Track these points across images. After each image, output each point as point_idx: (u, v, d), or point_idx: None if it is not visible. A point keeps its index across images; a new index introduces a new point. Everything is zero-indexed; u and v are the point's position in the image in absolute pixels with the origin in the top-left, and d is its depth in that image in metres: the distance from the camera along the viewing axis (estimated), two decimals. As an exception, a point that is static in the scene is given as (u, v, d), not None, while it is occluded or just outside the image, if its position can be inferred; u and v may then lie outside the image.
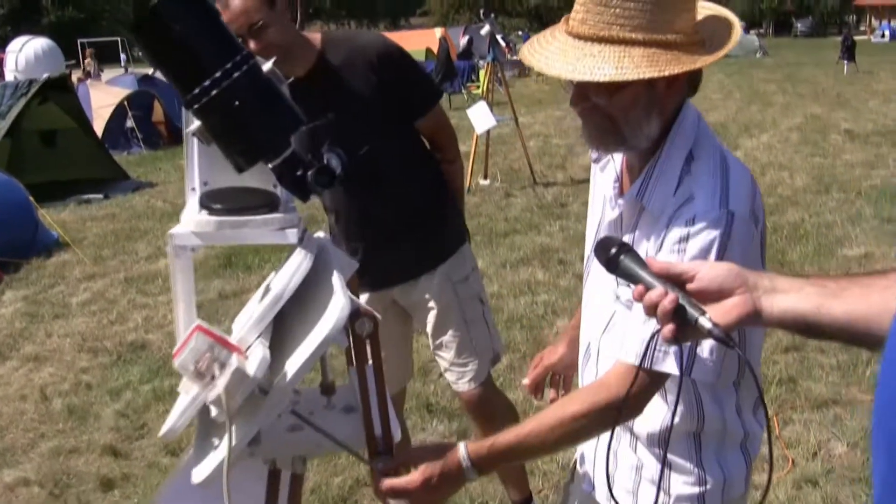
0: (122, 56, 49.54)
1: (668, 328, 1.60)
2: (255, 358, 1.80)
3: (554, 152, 14.98)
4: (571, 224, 9.82)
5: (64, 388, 6.40)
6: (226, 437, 1.79)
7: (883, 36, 48.92)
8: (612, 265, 1.72)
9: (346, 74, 3.51)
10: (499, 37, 13.83)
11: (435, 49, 28.62)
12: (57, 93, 14.80)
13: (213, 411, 1.81)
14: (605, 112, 2.04)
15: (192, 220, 1.97)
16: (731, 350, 1.57)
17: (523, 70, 30.73)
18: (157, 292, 8.47)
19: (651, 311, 1.61)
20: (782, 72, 30.17)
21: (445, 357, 3.95)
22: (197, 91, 1.80)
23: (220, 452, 1.83)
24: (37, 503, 4.88)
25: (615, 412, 2.01)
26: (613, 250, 1.71)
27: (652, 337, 1.73)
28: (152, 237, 10.85)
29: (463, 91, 25.83)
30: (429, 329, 3.95)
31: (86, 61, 32.01)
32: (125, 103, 18.57)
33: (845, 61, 30.25)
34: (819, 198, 10.81)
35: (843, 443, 4.92)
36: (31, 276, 9.32)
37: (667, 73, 1.94)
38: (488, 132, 12.37)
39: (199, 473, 1.87)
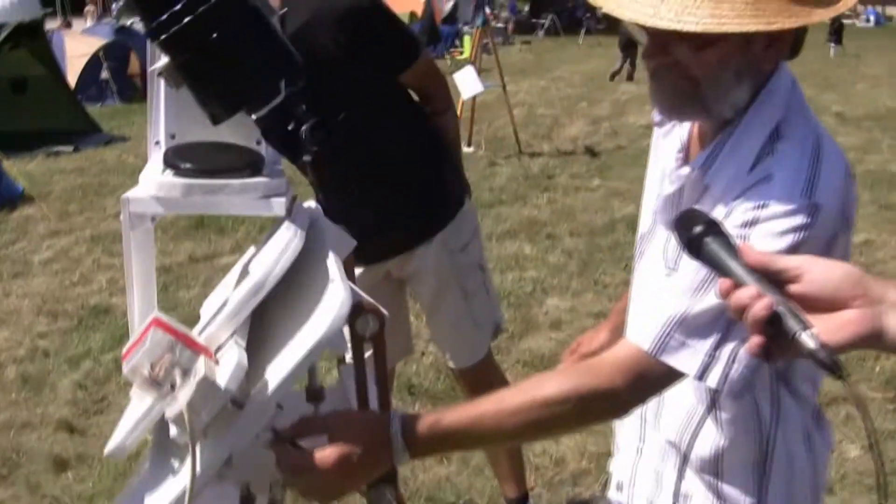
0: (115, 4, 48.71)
1: (757, 339, 1.21)
2: (229, 364, 1.40)
3: (539, 122, 14.59)
4: (559, 197, 9.45)
5: (19, 355, 5.97)
6: (188, 463, 1.39)
7: (868, 21, 48.76)
8: (694, 247, 1.31)
9: (309, 37, 3.09)
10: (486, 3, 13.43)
11: (420, 12, 28.11)
12: (29, 39, 14.28)
13: (173, 430, 1.42)
14: (687, 72, 1.63)
15: (154, 181, 1.57)
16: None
17: (507, 39, 30.31)
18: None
19: (738, 313, 1.22)
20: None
21: (442, 331, 3.65)
22: (164, 18, 1.40)
23: (179, 481, 1.44)
24: (-19, 481, 4.48)
25: (602, 406, 1.65)
26: (698, 228, 1.30)
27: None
28: (122, 194, 10.36)
29: (447, 56, 25.37)
30: (424, 301, 3.64)
31: (86, 8, 31.04)
32: (100, 54, 18.06)
33: (832, 44, 29.93)
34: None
35: (856, 445, 4.58)
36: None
37: (775, 28, 1.53)
38: (474, 98, 11.97)
39: (154, 505, 1.47)
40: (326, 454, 1.54)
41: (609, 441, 4.63)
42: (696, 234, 1.30)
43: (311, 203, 1.87)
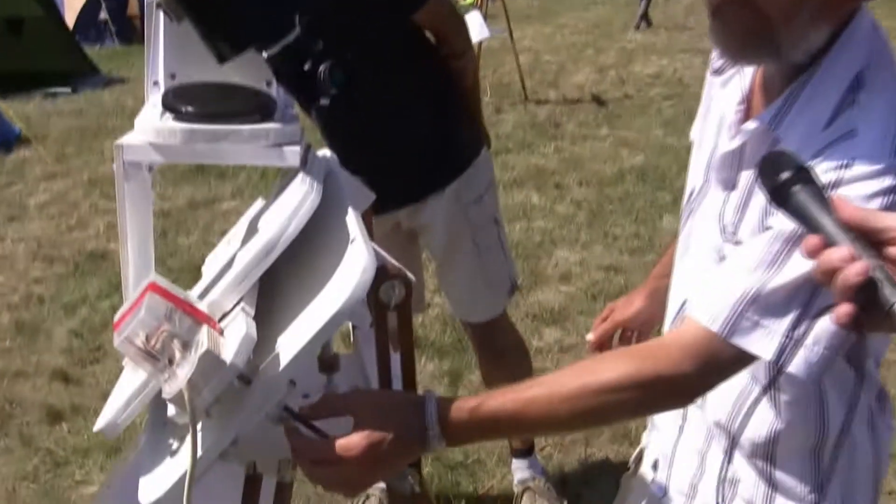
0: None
1: (847, 308, 1.02)
2: (235, 336, 1.23)
3: (546, 69, 14.32)
4: (566, 146, 9.22)
5: (13, 301, 5.80)
6: (187, 445, 1.23)
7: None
8: (779, 195, 1.12)
9: None
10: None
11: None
12: (25, -22, 14.00)
13: (171, 409, 1.25)
14: (759, 9, 1.44)
15: (151, 126, 1.39)
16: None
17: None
18: (123, 197, 7.83)
19: (826, 276, 1.04)
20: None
21: (455, 288, 3.46)
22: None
23: (178, 464, 1.28)
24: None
25: (666, 393, 1.48)
26: (786, 174, 1.11)
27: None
28: (121, 136, 10.18)
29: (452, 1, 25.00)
30: (436, 255, 3.45)
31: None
32: (99, -6, 17.80)
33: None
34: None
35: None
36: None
37: None
38: (479, 44, 11.72)
39: (150, 492, 1.31)
40: (352, 442, 1.38)
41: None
42: (783, 180, 1.11)
43: (325, 152, 1.70)
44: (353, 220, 1.38)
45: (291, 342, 1.25)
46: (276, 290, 1.43)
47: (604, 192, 7.48)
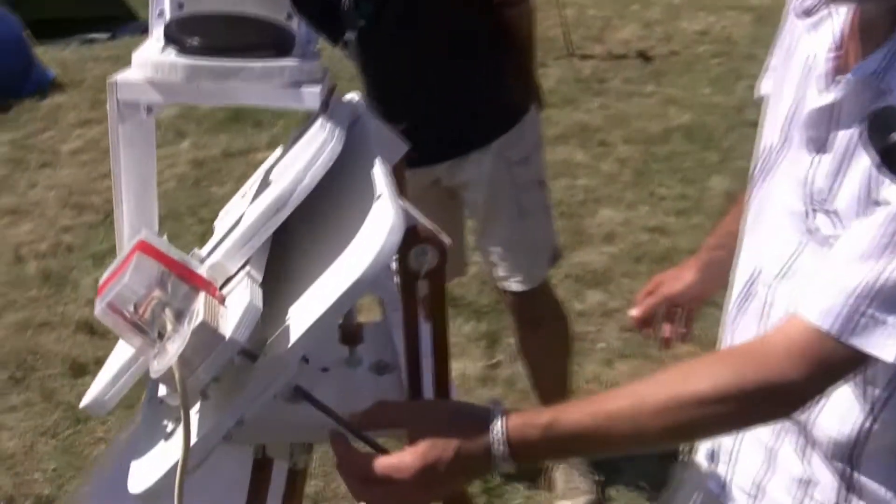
0: None
1: None
2: (238, 305, 1.05)
3: (590, 24, 13.98)
4: (612, 102, 8.97)
5: (41, 249, 5.66)
6: (180, 432, 1.05)
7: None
8: (893, 158, 0.93)
9: None
10: None
11: None
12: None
13: (162, 389, 1.08)
14: None
15: (150, 61, 1.21)
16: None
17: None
18: (158, 143, 7.65)
19: None
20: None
21: (493, 252, 3.21)
22: None
23: (172, 451, 1.10)
24: (-9, 386, 4.20)
25: (773, 402, 1.28)
26: None
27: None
28: (157, 84, 10.03)
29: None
30: (476, 216, 3.23)
31: None
32: (139, -61, 17.59)
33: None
34: None
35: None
36: (22, 117, 8.50)
37: None
38: (525, -4, 11.44)
39: (140, 481, 1.14)
40: (406, 462, 1.21)
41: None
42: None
43: (353, 95, 1.51)
44: (380, 174, 1.19)
45: (304, 314, 1.08)
46: (291, 253, 1.26)
47: (649, 150, 7.24)
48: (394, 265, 1.17)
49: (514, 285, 3.22)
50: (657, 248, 5.32)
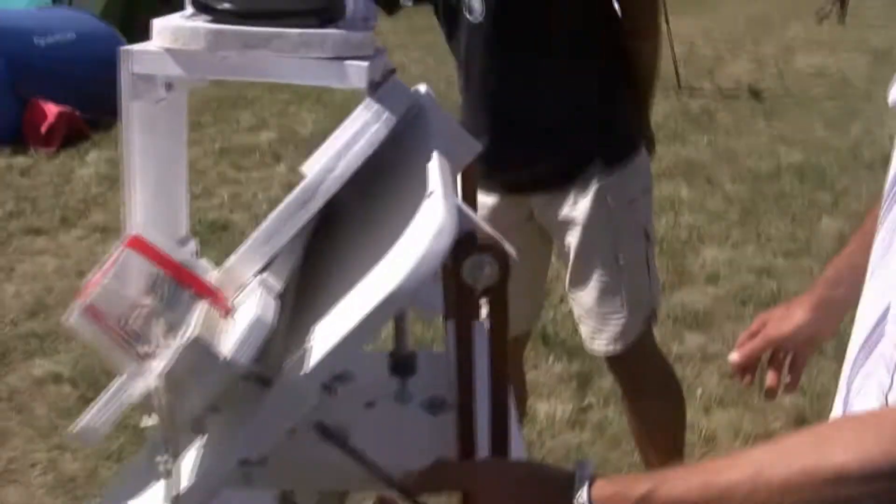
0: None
1: None
2: (243, 319, 0.85)
3: (701, 59, 13.71)
4: (720, 139, 8.68)
5: (127, 268, 5.59)
6: (183, 468, 0.85)
7: None
8: None
9: None
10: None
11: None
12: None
13: (146, 420, 0.87)
14: None
15: (170, 26, 1.01)
16: None
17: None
18: (251, 166, 7.61)
19: None
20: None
21: (582, 303, 2.84)
22: None
23: (160, 497, 0.90)
24: (63, 405, 4.06)
25: None
26: None
27: None
28: (259, 107, 9.98)
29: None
30: (567, 261, 2.83)
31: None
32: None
33: None
34: None
35: None
36: (120, 135, 8.53)
37: None
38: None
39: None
40: None
41: (768, 420, 4.05)
42: None
43: (421, 87, 1.30)
44: (435, 168, 0.98)
45: (328, 332, 0.87)
46: (329, 264, 1.05)
47: (758, 188, 6.95)
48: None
49: (599, 345, 2.87)
50: (763, 291, 5.04)
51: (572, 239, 2.77)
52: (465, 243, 0.90)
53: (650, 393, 2.95)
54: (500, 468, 1.10)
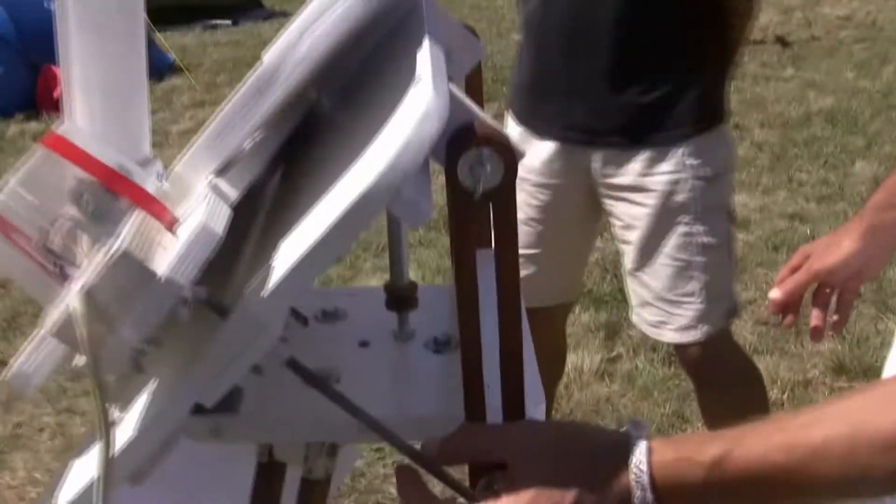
0: None
1: None
2: (185, 230, 0.68)
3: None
4: (747, 86, 8.44)
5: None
6: (132, 413, 0.69)
7: None
8: None
9: None
10: None
11: None
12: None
13: (78, 359, 0.72)
14: None
15: None
16: None
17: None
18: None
19: None
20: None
21: (650, 286, 2.43)
22: None
23: (88, 465, 0.74)
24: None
25: None
26: None
27: None
28: (275, 68, 9.89)
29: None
30: (631, 238, 2.42)
31: None
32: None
33: None
34: None
35: None
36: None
37: None
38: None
39: (67, 489, 0.78)
40: None
41: (806, 367, 3.87)
42: None
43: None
44: (426, 57, 0.81)
45: (293, 249, 0.71)
46: (307, 183, 0.89)
47: (788, 134, 6.77)
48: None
49: (670, 334, 2.46)
50: (797, 236, 4.87)
51: (641, 209, 2.38)
52: (462, 137, 0.73)
53: (734, 388, 2.54)
54: (538, 432, 0.91)
